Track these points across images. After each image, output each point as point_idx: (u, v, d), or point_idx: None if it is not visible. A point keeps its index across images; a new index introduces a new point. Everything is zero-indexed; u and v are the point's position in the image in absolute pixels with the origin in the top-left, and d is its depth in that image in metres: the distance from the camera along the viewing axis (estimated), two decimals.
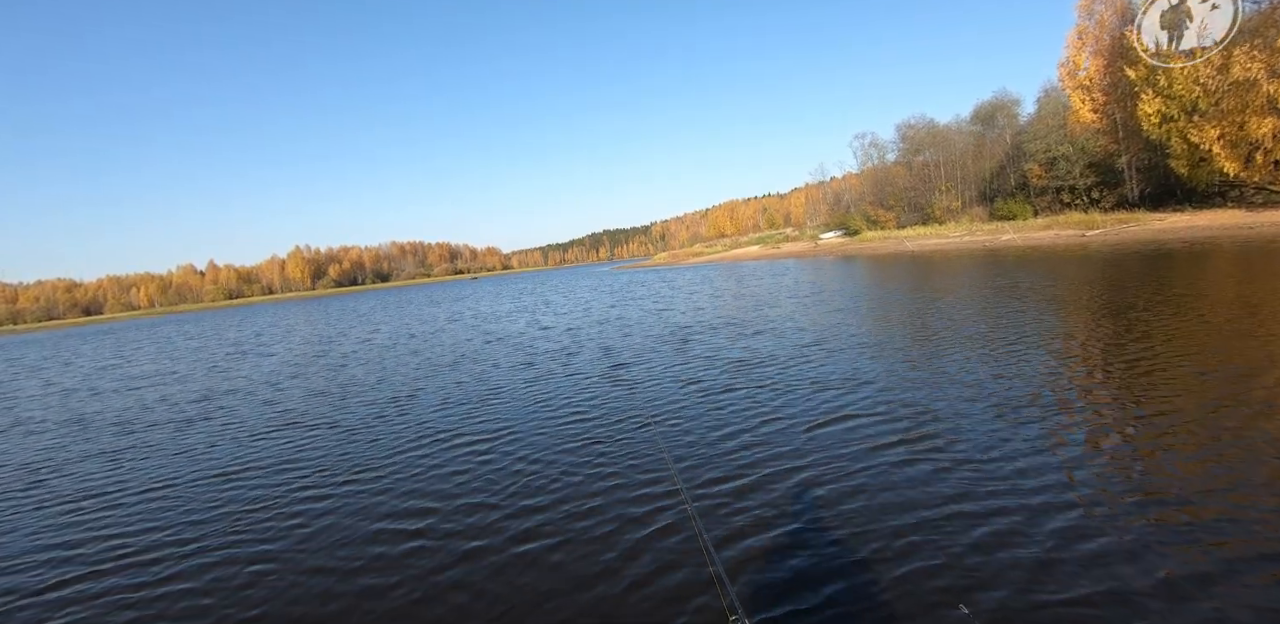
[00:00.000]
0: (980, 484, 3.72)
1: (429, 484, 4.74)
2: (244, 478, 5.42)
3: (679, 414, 5.96)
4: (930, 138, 52.48)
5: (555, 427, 5.99)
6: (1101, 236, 28.15)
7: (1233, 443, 3.93)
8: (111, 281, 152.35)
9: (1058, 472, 3.78)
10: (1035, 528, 3.15)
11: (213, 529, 4.31)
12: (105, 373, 15.94)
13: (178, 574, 3.69)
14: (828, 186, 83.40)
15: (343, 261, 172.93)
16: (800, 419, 5.35)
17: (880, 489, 3.79)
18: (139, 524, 4.56)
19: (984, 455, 4.15)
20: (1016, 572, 2.80)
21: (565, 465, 4.82)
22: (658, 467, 4.52)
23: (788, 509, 3.66)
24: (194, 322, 51.16)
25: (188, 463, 6.11)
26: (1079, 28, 34.11)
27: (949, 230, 43.07)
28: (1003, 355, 7.01)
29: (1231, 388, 4.97)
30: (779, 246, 64.90)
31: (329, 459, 5.71)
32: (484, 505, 4.21)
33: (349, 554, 3.71)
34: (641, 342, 11.08)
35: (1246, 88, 24.63)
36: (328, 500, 4.63)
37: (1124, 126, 32.82)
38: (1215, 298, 9.28)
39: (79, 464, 6.53)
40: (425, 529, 3.93)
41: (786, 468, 4.27)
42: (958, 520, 3.31)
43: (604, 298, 25.28)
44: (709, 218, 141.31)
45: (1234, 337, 6.64)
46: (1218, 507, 3.18)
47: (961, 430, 4.67)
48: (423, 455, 5.50)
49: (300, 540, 3.98)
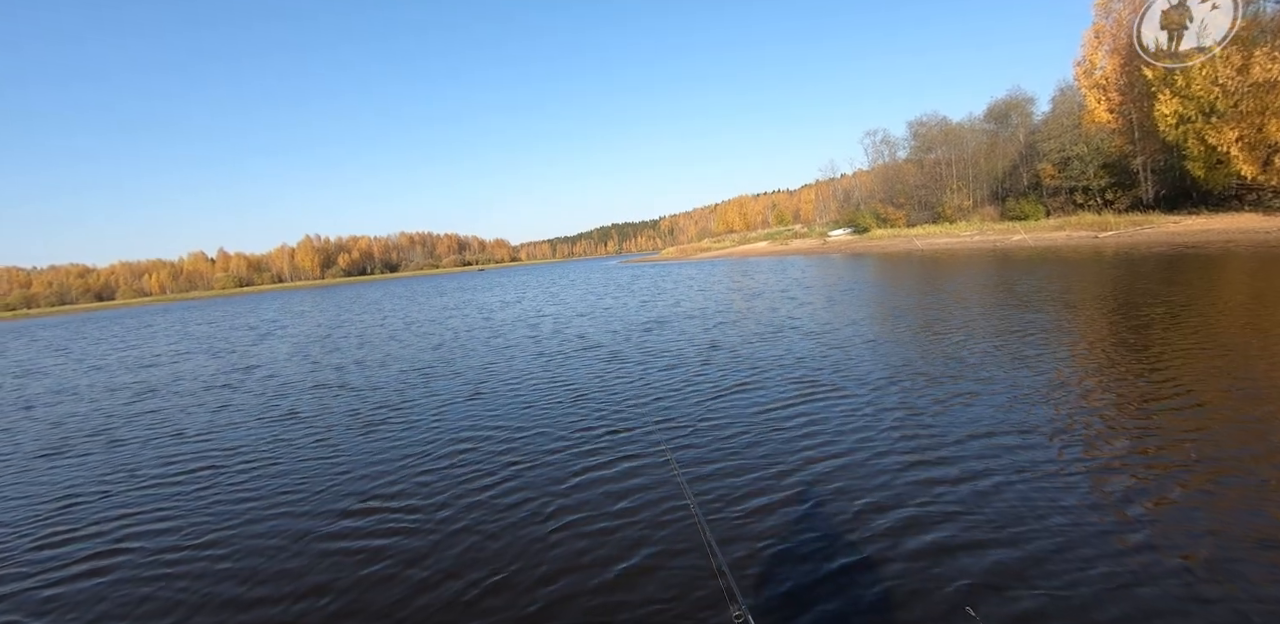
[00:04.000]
0: (994, 489, 3.75)
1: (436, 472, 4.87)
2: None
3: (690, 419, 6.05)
4: (942, 135, 52.00)
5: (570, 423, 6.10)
6: (1115, 238, 27.90)
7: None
8: (124, 268, 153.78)
9: (1085, 487, 3.75)
10: (1052, 539, 3.12)
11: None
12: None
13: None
14: (838, 183, 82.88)
15: (352, 251, 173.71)
16: (810, 417, 5.43)
17: (889, 487, 3.85)
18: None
19: (995, 462, 4.19)
20: (1030, 580, 2.79)
21: (569, 462, 4.93)
22: (656, 454, 4.61)
23: (793, 503, 3.71)
24: (212, 307, 51.56)
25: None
26: (1096, 27, 33.65)
27: (960, 230, 42.75)
28: (1030, 370, 7.02)
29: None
30: (787, 243, 64.66)
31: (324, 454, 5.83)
32: (477, 489, 4.32)
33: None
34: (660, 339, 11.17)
35: (1267, 89, 24.26)
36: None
37: (1140, 127, 32.41)
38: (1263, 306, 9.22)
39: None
40: (409, 512, 4.05)
41: (793, 464, 4.34)
42: (966, 520, 3.35)
43: (614, 299, 25.30)
44: (718, 213, 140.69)
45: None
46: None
47: (981, 436, 4.72)
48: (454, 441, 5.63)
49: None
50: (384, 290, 55.93)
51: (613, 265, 76.51)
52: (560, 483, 4.40)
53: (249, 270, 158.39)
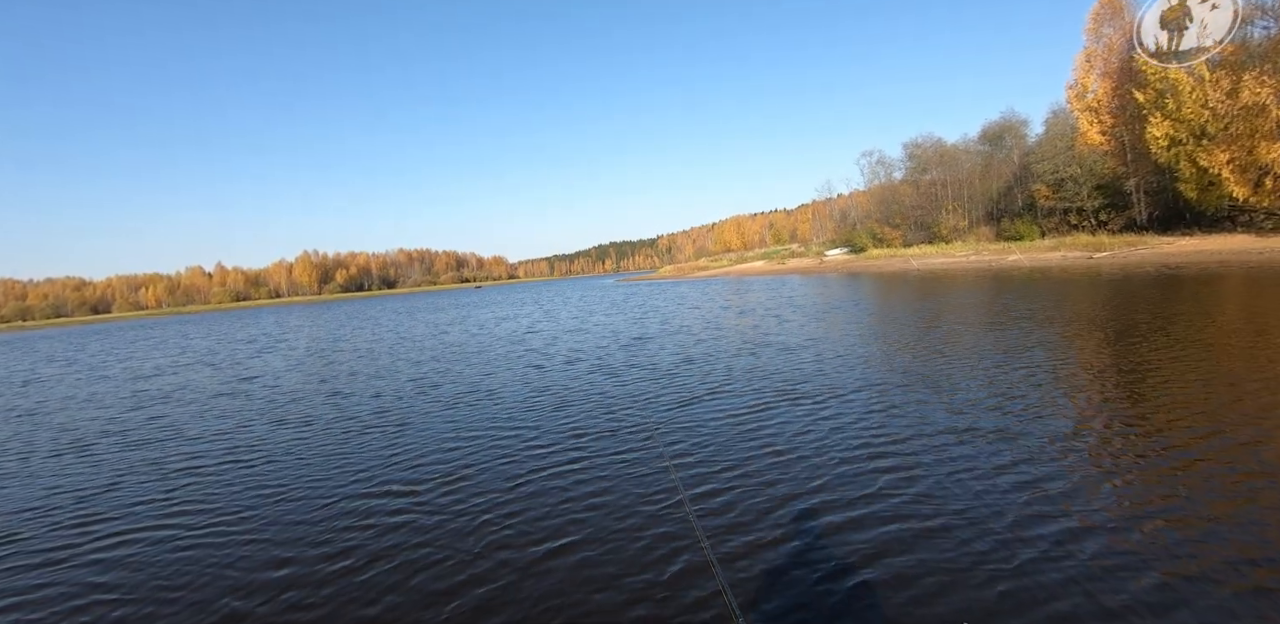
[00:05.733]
0: (992, 504, 3.56)
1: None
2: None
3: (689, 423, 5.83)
4: (938, 157, 52.67)
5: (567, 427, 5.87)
6: (1109, 259, 27.96)
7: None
8: (120, 281, 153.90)
9: (1086, 496, 3.59)
10: (1053, 554, 2.99)
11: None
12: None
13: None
14: (834, 203, 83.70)
15: (350, 267, 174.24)
16: (812, 431, 5.21)
17: (889, 502, 3.63)
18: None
19: (996, 472, 3.99)
20: (1028, 596, 2.67)
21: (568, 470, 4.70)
22: (659, 470, 4.38)
23: (794, 518, 3.55)
24: (208, 322, 51.29)
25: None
26: (1087, 51, 34.28)
27: (955, 250, 42.96)
28: (1019, 387, 6.83)
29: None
30: (784, 262, 64.93)
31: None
32: (477, 495, 4.09)
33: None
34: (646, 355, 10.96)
35: (1256, 112, 24.60)
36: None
37: (1132, 149, 32.79)
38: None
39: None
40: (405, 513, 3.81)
41: (794, 477, 4.12)
42: (967, 533, 3.18)
43: (614, 321, 25.14)
44: (715, 232, 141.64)
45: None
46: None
47: (980, 445, 4.51)
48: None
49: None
50: (381, 306, 55.85)
51: (609, 284, 76.52)
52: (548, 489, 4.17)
53: (246, 285, 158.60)
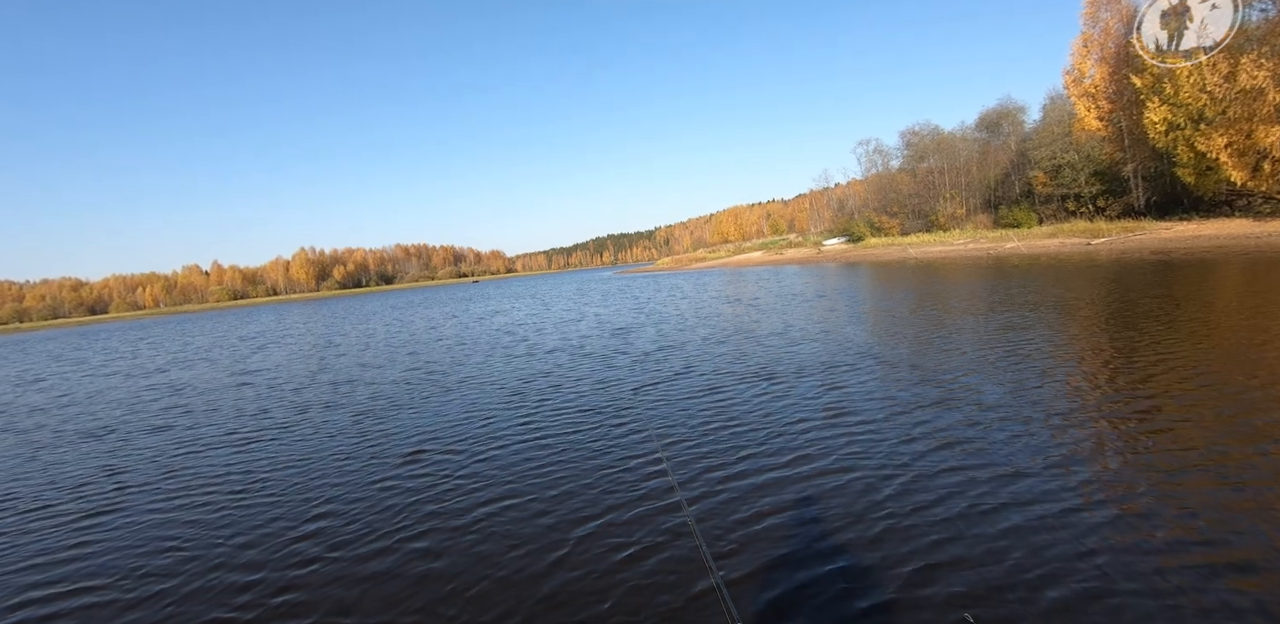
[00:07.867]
0: (994, 495, 3.58)
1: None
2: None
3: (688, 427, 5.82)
4: (935, 145, 52.40)
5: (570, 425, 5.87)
6: (1108, 245, 27.91)
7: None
8: (117, 281, 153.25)
9: (1088, 490, 3.59)
10: (1054, 546, 2.99)
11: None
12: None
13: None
14: (832, 193, 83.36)
15: (347, 263, 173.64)
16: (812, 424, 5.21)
17: (885, 494, 3.64)
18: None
19: (1001, 467, 4.00)
20: (1030, 587, 2.67)
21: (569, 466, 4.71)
22: (653, 463, 4.38)
23: (789, 513, 3.55)
24: (206, 320, 51.15)
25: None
26: (1084, 36, 33.97)
27: (953, 238, 42.84)
28: (1023, 375, 6.83)
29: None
30: (782, 252, 64.75)
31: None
32: (473, 489, 4.10)
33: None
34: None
35: (1254, 96, 24.43)
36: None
37: (1130, 134, 32.62)
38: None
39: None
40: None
41: (789, 472, 4.12)
42: (967, 526, 3.18)
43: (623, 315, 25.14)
44: (713, 223, 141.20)
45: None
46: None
47: (981, 440, 4.52)
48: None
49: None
50: (380, 302, 55.76)
51: (607, 276, 76.42)
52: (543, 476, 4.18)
53: (243, 283, 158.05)
